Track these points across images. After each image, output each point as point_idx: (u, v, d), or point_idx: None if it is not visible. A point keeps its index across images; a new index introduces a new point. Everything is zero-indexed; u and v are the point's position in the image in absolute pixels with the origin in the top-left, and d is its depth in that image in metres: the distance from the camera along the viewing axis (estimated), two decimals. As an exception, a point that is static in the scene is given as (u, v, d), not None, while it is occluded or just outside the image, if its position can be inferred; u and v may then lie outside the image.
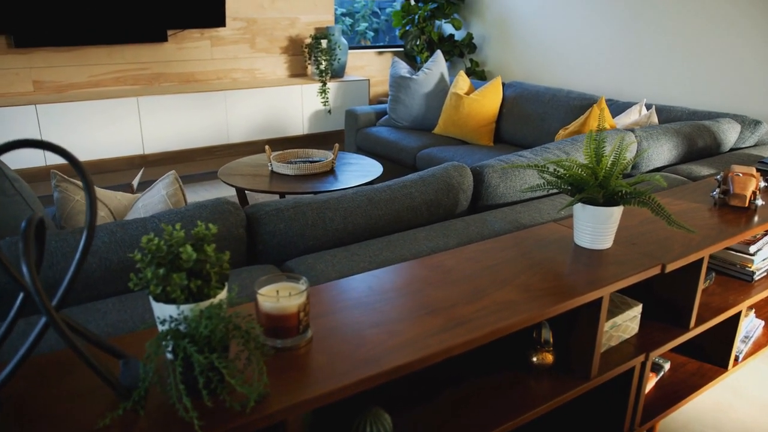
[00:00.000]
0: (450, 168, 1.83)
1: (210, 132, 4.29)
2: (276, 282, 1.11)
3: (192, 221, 1.42)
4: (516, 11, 4.61)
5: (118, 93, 4.05)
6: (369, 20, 5.99)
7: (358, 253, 1.49)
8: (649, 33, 3.68)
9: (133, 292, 1.32)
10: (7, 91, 3.91)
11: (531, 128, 3.74)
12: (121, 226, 1.38)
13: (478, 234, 1.63)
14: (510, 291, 1.29)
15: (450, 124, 3.96)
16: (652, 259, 1.48)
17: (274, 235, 1.51)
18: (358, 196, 1.63)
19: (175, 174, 1.62)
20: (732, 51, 3.29)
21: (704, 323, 1.76)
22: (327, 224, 1.56)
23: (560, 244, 1.56)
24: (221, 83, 4.54)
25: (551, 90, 3.73)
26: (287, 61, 4.88)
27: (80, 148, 3.86)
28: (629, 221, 1.72)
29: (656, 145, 2.44)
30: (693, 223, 1.75)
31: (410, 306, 1.22)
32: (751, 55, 3.23)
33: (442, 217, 1.78)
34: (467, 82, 4.03)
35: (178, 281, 0.96)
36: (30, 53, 3.92)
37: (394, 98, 4.23)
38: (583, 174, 1.50)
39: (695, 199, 1.98)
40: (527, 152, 2.10)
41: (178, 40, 4.36)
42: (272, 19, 4.71)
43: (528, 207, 1.85)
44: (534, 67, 4.53)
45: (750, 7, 3.19)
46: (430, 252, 1.53)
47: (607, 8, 3.91)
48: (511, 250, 1.51)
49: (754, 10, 3.19)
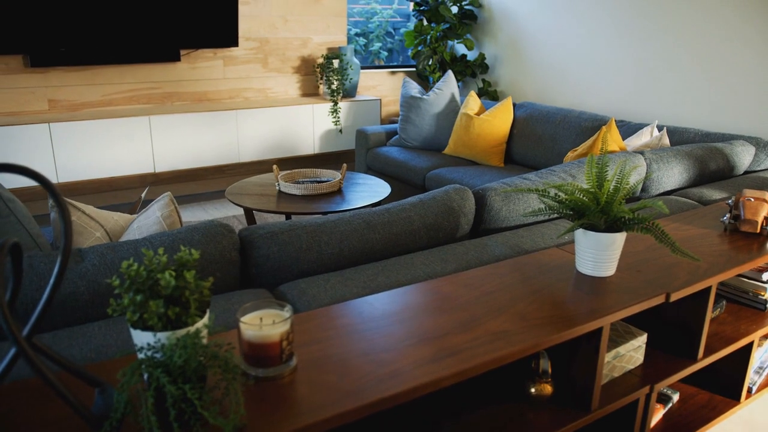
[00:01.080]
0: (451, 191, 1.80)
1: (221, 151, 4.31)
2: (260, 309, 1.09)
3: (183, 244, 1.40)
4: (528, 32, 4.59)
5: (131, 112, 4.09)
6: (383, 40, 6.02)
7: (352, 277, 1.46)
8: (663, 54, 3.64)
9: (121, 317, 1.30)
10: (23, 109, 3.96)
11: (542, 149, 3.70)
12: (111, 248, 1.37)
13: (478, 259, 1.60)
14: (505, 320, 1.25)
15: (460, 145, 3.93)
16: (656, 287, 1.43)
17: (268, 258, 1.48)
18: (355, 219, 1.61)
19: (170, 195, 1.61)
20: (747, 72, 3.24)
21: (714, 354, 1.70)
22: (322, 248, 1.53)
23: (561, 271, 1.52)
24: (233, 102, 4.57)
25: (562, 111, 3.69)
26: (299, 80, 4.90)
27: (92, 166, 3.89)
28: (634, 247, 1.67)
29: (666, 168, 2.38)
30: (701, 250, 1.69)
31: (401, 334, 1.18)
32: (767, 76, 3.17)
33: (442, 241, 1.74)
34: (478, 103, 4.01)
35: (154, 309, 0.94)
36: (45, 73, 3.97)
37: (405, 118, 4.22)
38: (585, 199, 1.46)
39: (705, 225, 1.92)
40: (532, 175, 2.06)
41: (191, 60, 4.40)
42: (285, 39, 4.74)
43: (531, 231, 1.81)
44: (547, 88, 4.50)
45: (766, 27, 3.14)
46: (427, 277, 1.50)
47: (621, 29, 3.88)
48: (509, 277, 1.47)
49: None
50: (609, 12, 3.94)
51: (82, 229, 1.60)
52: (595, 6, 4.03)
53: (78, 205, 1.63)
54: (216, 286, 1.45)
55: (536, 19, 4.51)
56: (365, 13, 5.79)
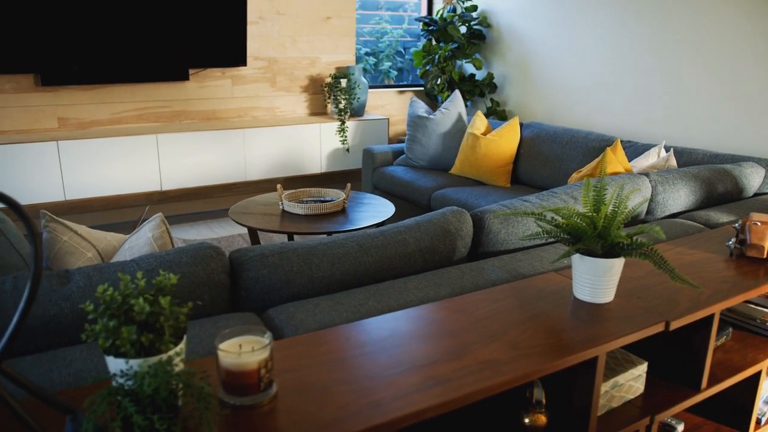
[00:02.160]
0: (449, 213, 1.77)
1: (227, 169, 4.32)
2: (240, 335, 1.06)
3: (171, 266, 1.38)
4: (537, 51, 4.58)
5: (139, 130, 4.12)
6: (393, 59, 6.03)
7: (342, 302, 1.43)
8: (672, 73, 3.60)
9: (103, 340, 1.27)
10: (33, 127, 4.00)
11: (549, 169, 3.67)
12: (97, 270, 1.35)
13: (473, 284, 1.56)
14: (496, 348, 1.21)
15: (466, 165, 3.90)
16: (655, 315, 1.39)
17: (257, 281, 1.46)
18: (348, 242, 1.58)
19: (161, 216, 1.60)
20: (758, 92, 3.19)
21: (718, 383, 1.64)
22: (313, 271, 1.50)
23: (558, 297, 1.48)
24: (241, 121, 4.59)
25: (569, 131, 3.66)
26: (307, 99, 4.91)
27: (100, 184, 3.91)
28: (635, 272, 1.63)
29: (672, 190, 2.34)
30: (705, 276, 1.64)
31: (387, 362, 1.15)
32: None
33: (438, 265, 1.71)
34: (484, 123, 3.99)
35: (126, 335, 0.91)
36: (56, 91, 4.02)
37: (412, 138, 4.20)
38: (582, 223, 1.43)
39: (710, 249, 1.87)
40: (533, 197, 2.03)
41: (200, 79, 4.43)
42: (293, 59, 4.77)
43: (529, 255, 1.77)
44: (555, 107, 4.48)
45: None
46: (419, 302, 1.46)
47: (629, 48, 3.85)
48: (504, 302, 1.43)
49: (779, 51, 3.09)
50: (618, 32, 3.92)
51: (73, 249, 1.59)
52: (604, 26, 4.01)
53: (70, 225, 1.62)
54: (204, 309, 1.42)
55: (545, 39, 4.50)
56: (375, 32, 5.82)
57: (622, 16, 3.86)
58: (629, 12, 3.82)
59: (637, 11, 3.77)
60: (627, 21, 3.84)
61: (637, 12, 3.77)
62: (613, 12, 3.92)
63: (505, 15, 4.84)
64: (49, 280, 1.32)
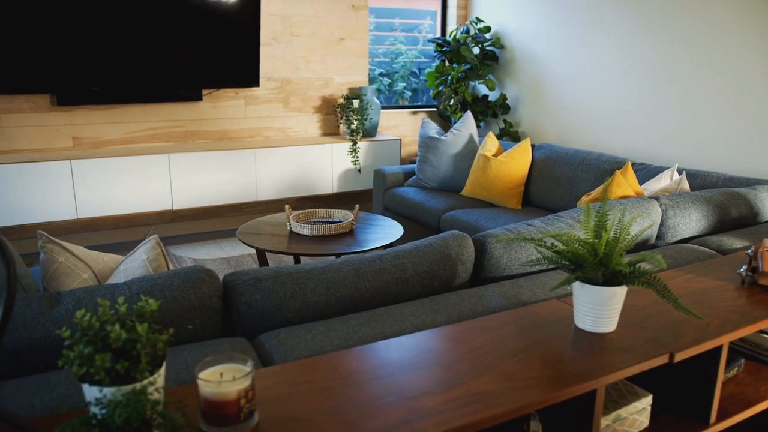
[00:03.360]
0: (449, 237, 1.73)
1: (239, 189, 4.33)
2: (221, 363, 1.03)
3: (162, 289, 1.36)
4: (550, 72, 4.55)
5: (151, 150, 4.15)
6: (407, 80, 6.05)
7: (335, 328, 1.40)
8: (686, 95, 3.55)
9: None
10: (48, 146, 4.05)
11: (560, 192, 3.62)
12: (88, 293, 1.34)
13: (471, 311, 1.52)
14: (489, 380, 1.17)
15: (477, 186, 3.87)
16: (659, 346, 1.33)
17: (250, 306, 1.43)
18: (344, 266, 1.55)
19: (156, 238, 1.59)
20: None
21: (729, 418, 1.57)
22: (307, 296, 1.48)
23: (559, 325, 1.43)
24: (254, 141, 4.61)
25: (581, 153, 3.62)
26: (320, 120, 4.93)
27: (112, 202, 3.94)
28: (640, 300, 1.58)
29: (683, 214, 2.28)
30: (714, 305, 1.58)
31: (374, 392, 1.11)
32: (794, 120, 3.06)
33: (438, 290, 1.67)
34: (496, 144, 3.96)
35: (100, 363, 0.89)
36: (71, 111, 4.07)
37: (423, 159, 4.18)
38: (582, 250, 1.38)
39: (721, 276, 1.81)
40: (537, 221, 1.99)
41: (213, 99, 4.47)
42: (306, 80, 4.79)
43: (532, 281, 1.73)
44: (568, 129, 4.44)
45: (791, 70, 3.04)
46: (414, 329, 1.43)
47: (643, 70, 3.81)
48: (501, 331, 1.39)
49: (796, 73, 3.03)
50: (632, 53, 3.88)
51: (69, 270, 1.58)
52: (618, 48, 3.97)
53: (67, 246, 1.62)
54: (195, 334, 1.40)
55: (558, 60, 4.47)
56: (390, 53, 5.85)
57: (636, 37, 3.83)
58: (643, 33, 3.78)
59: (651, 32, 3.73)
60: (641, 42, 3.81)
61: (651, 33, 3.73)
62: (627, 33, 3.89)
63: (519, 36, 4.83)
64: (40, 302, 1.31)
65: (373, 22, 5.53)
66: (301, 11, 4.65)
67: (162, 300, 1.35)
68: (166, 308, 1.35)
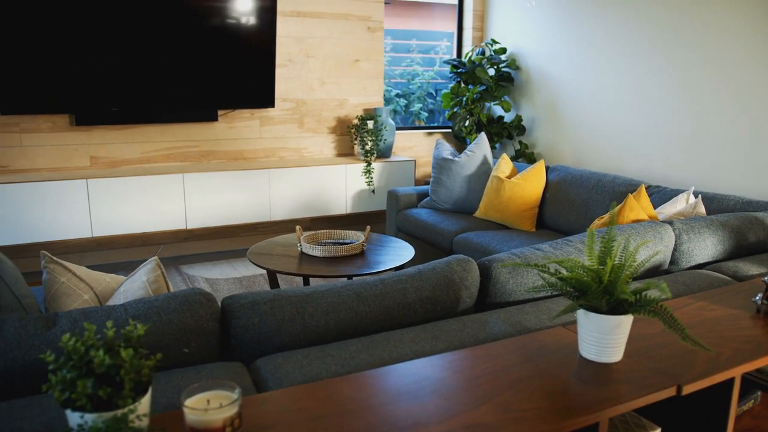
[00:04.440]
0: (453, 262, 1.71)
1: (252, 209, 4.34)
2: (209, 390, 1.01)
3: (159, 312, 1.35)
4: (566, 93, 4.52)
5: (167, 169, 4.18)
6: (424, 101, 6.06)
7: (333, 354, 1.37)
8: (704, 117, 3.49)
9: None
10: (66, 165, 4.11)
11: (575, 214, 3.57)
12: (84, 314, 1.33)
13: (473, 338, 1.49)
14: (486, 411, 1.14)
15: (491, 208, 3.83)
16: (666, 377, 1.29)
17: (248, 330, 1.42)
18: (344, 290, 1.53)
19: (157, 260, 1.58)
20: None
21: (743, 453, 1.51)
22: (306, 320, 1.45)
23: (563, 354, 1.39)
24: (268, 161, 4.63)
25: (596, 175, 3.57)
26: (335, 140, 4.94)
27: (126, 221, 3.97)
28: (648, 328, 1.53)
29: (698, 239, 2.23)
30: (726, 335, 1.53)
31: (365, 423, 1.08)
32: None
33: (440, 316, 1.64)
34: (509, 165, 3.92)
35: (81, 389, 0.88)
36: (89, 131, 4.13)
37: (436, 180, 4.16)
38: (586, 277, 1.35)
39: (736, 304, 1.76)
40: (546, 245, 1.95)
41: (228, 120, 4.51)
42: (321, 101, 4.82)
43: (538, 307, 1.69)
44: (584, 150, 4.39)
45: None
46: (414, 356, 1.39)
47: (660, 91, 3.76)
48: (503, 359, 1.35)
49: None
50: (648, 75, 3.84)
51: (70, 291, 1.58)
52: (635, 69, 3.94)
53: (69, 267, 1.62)
54: (192, 358, 1.38)
55: (574, 81, 4.44)
56: (406, 74, 5.86)
57: (653, 58, 3.79)
58: (660, 54, 3.75)
59: (668, 53, 3.69)
60: (657, 63, 3.77)
61: (668, 53, 3.69)
62: (644, 54, 3.85)
63: (534, 57, 4.81)
64: (36, 323, 1.30)
65: (390, 44, 5.56)
66: (316, 33, 4.69)
67: (158, 322, 1.34)
68: (162, 331, 1.34)
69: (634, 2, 3.89)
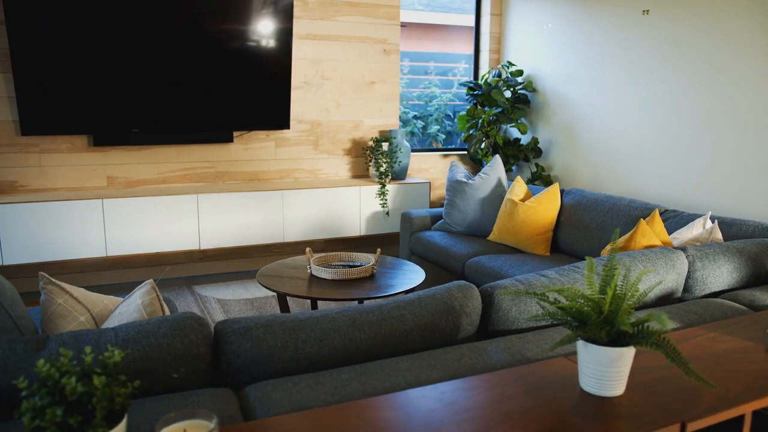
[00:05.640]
0: (454, 288, 1.67)
1: (266, 230, 4.34)
2: (185, 419, 0.98)
3: (148, 336, 1.34)
4: (583, 116, 4.47)
5: (181, 190, 4.22)
6: (442, 123, 6.05)
7: (324, 382, 1.34)
8: (723, 139, 3.42)
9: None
10: (83, 185, 4.16)
11: (590, 239, 3.50)
12: (74, 337, 1.32)
13: (470, 368, 1.44)
14: (476, 446, 1.09)
15: (504, 232, 3.78)
16: (669, 414, 1.23)
17: (239, 355, 1.39)
18: (340, 316, 1.50)
19: (152, 283, 1.57)
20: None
21: (756, 494, 1.43)
22: (299, 347, 1.43)
23: (562, 387, 1.34)
24: (283, 183, 4.64)
25: (611, 198, 3.50)
26: (350, 162, 4.94)
27: (141, 241, 4.00)
28: (653, 361, 1.47)
29: (712, 266, 2.15)
30: (737, 368, 1.46)
31: (350, 457, 1.04)
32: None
33: (439, 344, 1.60)
34: (524, 188, 3.88)
35: (50, 417, 0.86)
36: (106, 151, 4.19)
37: (450, 203, 4.13)
38: (585, 307, 1.30)
39: (750, 336, 1.69)
40: (552, 271, 1.90)
41: (244, 141, 4.54)
42: (337, 122, 4.83)
43: (540, 336, 1.64)
44: (601, 173, 4.33)
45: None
46: (407, 386, 1.36)
47: (678, 114, 3.70)
48: (499, 391, 1.30)
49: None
50: (666, 97, 3.78)
51: (66, 312, 1.58)
52: (652, 92, 3.88)
53: (66, 288, 1.62)
54: (182, 383, 1.36)
55: (591, 103, 4.40)
56: (424, 96, 5.87)
57: (670, 81, 3.74)
58: (677, 78, 3.69)
59: (686, 77, 3.63)
60: (675, 86, 3.71)
61: (686, 78, 3.63)
62: (662, 77, 3.80)
63: (551, 80, 4.78)
64: (25, 346, 1.29)
65: (408, 66, 5.58)
66: (332, 55, 4.72)
67: (147, 347, 1.32)
68: (151, 356, 1.32)
69: (652, 24, 3.85)
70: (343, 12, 4.70)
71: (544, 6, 4.80)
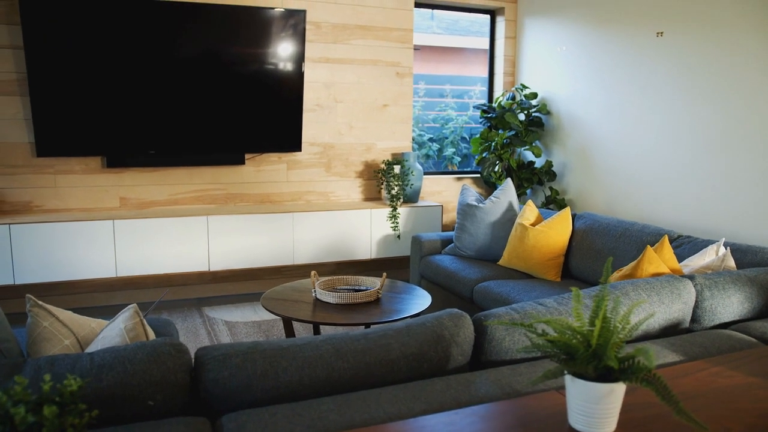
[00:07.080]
0: (445, 316, 1.62)
1: (276, 252, 4.33)
2: (143, 454, 0.96)
3: (124, 362, 1.31)
4: (598, 139, 4.41)
5: (192, 211, 4.24)
6: (457, 146, 6.02)
7: (302, 413, 1.30)
8: (739, 164, 3.33)
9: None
10: (96, 206, 4.21)
11: (601, 264, 3.41)
12: (50, 363, 1.30)
13: (455, 400, 1.39)
14: (449, 486, 1.04)
15: (514, 256, 3.72)
16: (661, 455, 1.16)
17: (217, 383, 1.36)
18: (323, 344, 1.46)
19: (135, 308, 1.55)
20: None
21: None
22: (279, 375, 1.39)
23: (550, 423, 1.28)
24: (294, 205, 4.64)
25: (624, 223, 3.42)
26: (362, 185, 4.93)
27: (151, 262, 4.01)
28: (648, 397, 1.40)
29: (722, 295, 2.07)
30: (740, 406, 1.39)
31: (315, 495, 1.00)
32: None
33: (428, 374, 1.55)
34: (535, 213, 3.81)
35: (-6, 451, 0.83)
36: (120, 173, 4.23)
37: (460, 226, 4.08)
38: (573, 340, 1.25)
39: (756, 371, 1.61)
40: (551, 300, 1.84)
41: (256, 163, 4.56)
42: (349, 145, 4.83)
43: (533, 368, 1.58)
44: (616, 197, 4.24)
45: None
46: (387, 419, 1.31)
47: (693, 139, 3.62)
48: (482, 426, 1.25)
49: None
50: (681, 122, 3.71)
51: (51, 336, 1.56)
52: (668, 115, 3.81)
53: (52, 311, 1.61)
54: (158, 411, 1.33)
55: (606, 127, 4.33)
56: (440, 119, 5.86)
57: (685, 104, 3.67)
58: (692, 100, 3.62)
59: (701, 100, 3.56)
60: (691, 111, 3.64)
61: (701, 100, 3.56)
62: (676, 100, 3.73)
63: (566, 103, 4.73)
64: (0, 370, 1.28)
65: (423, 89, 5.58)
66: (345, 78, 4.74)
67: (122, 373, 1.30)
68: (126, 383, 1.30)
69: (666, 47, 3.79)
70: (356, 35, 4.73)
71: (558, 29, 4.77)
